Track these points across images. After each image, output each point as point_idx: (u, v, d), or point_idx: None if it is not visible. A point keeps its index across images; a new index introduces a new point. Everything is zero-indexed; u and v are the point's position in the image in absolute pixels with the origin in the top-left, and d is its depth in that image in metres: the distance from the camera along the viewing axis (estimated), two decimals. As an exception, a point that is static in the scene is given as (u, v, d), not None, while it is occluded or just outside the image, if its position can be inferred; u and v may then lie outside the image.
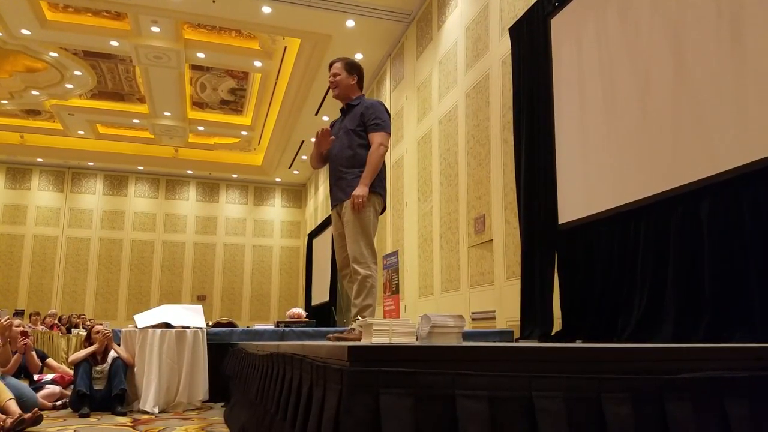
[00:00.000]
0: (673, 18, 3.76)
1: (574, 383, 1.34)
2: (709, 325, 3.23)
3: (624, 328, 3.86)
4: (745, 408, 1.41)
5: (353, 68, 3.67)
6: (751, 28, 3.20)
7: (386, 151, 3.51)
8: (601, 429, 1.32)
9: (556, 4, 5.05)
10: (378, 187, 3.46)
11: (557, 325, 4.76)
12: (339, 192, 3.54)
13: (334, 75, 3.64)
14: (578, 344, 3.34)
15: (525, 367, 1.39)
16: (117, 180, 17.11)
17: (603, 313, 4.19)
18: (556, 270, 4.84)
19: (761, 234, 3.03)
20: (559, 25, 5.01)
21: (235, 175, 17.58)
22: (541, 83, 5.13)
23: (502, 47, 6.14)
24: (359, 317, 3.26)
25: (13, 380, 4.36)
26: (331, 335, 3.32)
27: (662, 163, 3.76)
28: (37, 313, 11.03)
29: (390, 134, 3.58)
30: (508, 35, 5.78)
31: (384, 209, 3.60)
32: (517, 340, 5.12)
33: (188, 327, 4.97)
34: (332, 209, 3.65)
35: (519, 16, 5.64)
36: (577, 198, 4.63)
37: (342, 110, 3.71)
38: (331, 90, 3.72)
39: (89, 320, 12.25)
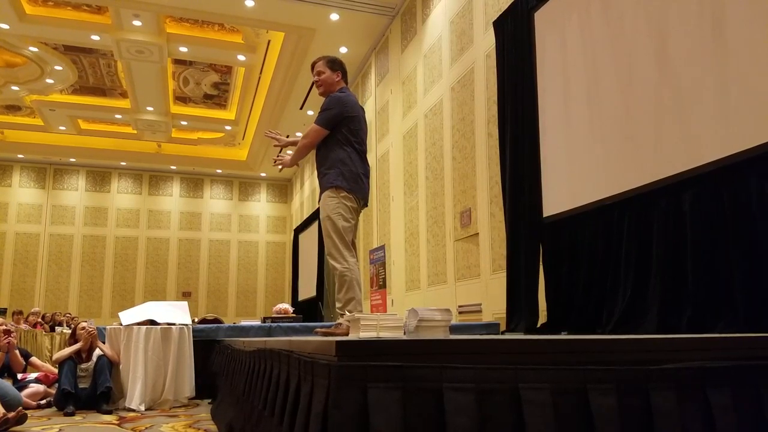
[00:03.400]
0: (655, 11, 3.79)
1: (560, 375, 1.35)
2: (692, 316, 3.28)
3: (608, 320, 3.90)
4: (727, 397, 1.43)
5: (336, 64, 3.71)
6: (733, 22, 3.24)
7: (309, 144, 3.61)
8: (587, 419, 1.33)
9: (540, -3, 5.06)
10: (340, 181, 3.49)
11: (543, 318, 4.80)
12: (319, 189, 3.66)
13: (319, 74, 3.70)
14: (563, 336, 3.37)
15: (511, 360, 1.40)
16: (99, 176, 16.92)
17: (588, 305, 4.23)
18: (541, 263, 4.88)
19: (743, 225, 3.08)
20: (543, 18, 5.03)
21: (219, 171, 17.47)
22: (526, 77, 5.15)
23: (486, 41, 6.15)
24: (346, 311, 3.29)
25: (-4, 380, 4.31)
26: (318, 330, 3.33)
27: (645, 155, 3.79)
28: (20, 312, 10.89)
29: (325, 128, 3.54)
30: (492, 29, 5.79)
31: (364, 205, 3.63)
32: (503, 333, 5.15)
33: (174, 324, 4.94)
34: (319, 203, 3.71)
35: (503, 9, 5.65)
36: (562, 191, 4.66)
37: None
38: (316, 88, 3.78)
39: (73, 318, 12.14)
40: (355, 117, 3.59)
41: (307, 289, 14.03)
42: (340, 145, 3.53)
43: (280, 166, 3.82)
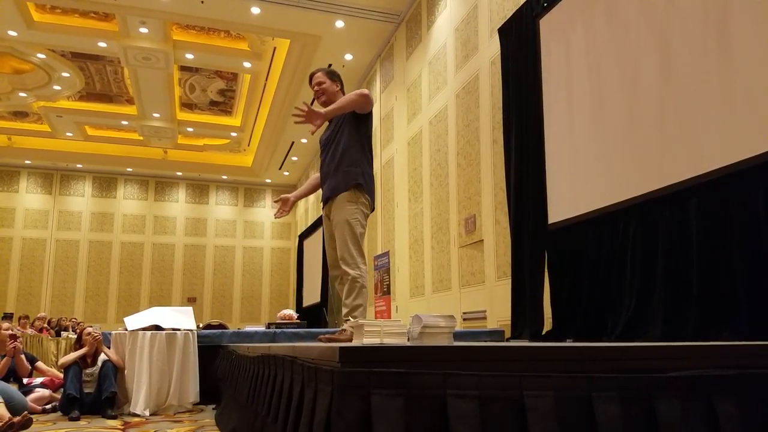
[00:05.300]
0: (660, 19, 3.79)
1: (565, 382, 1.35)
2: (697, 323, 3.26)
3: (613, 327, 3.88)
4: (732, 405, 1.42)
5: (335, 76, 3.71)
6: (737, 29, 3.23)
7: (362, 101, 3.36)
8: (591, 428, 1.32)
9: (545, 4, 5.07)
10: (362, 179, 3.41)
11: (548, 325, 4.78)
12: (328, 190, 3.53)
13: (319, 84, 3.66)
14: (568, 343, 3.36)
15: (515, 367, 1.39)
16: (106, 182, 17.00)
17: (593, 312, 4.21)
18: (546, 270, 4.86)
19: (748, 233, 3.06)
20: (548, 25, 5.04)
21: (224, 177, 17.52)
22: (530, 84, 5.16)
23: (491, 48, 6.16)
24: (350, 317, 3.27)
25: (2, 384, 4.32)
26: (322, 336, 3.32)
27: (650, 162, 3.78)
28: (26, 317, 10.93)
29: (366, 105, 3.41)
30: (497, 36, 5.80)
31: (372, 209, 3.60)
32: (507, 340, 5.14)
33: (178, 329, 4.94)
34: (323, 209, 3.65)
35: (508, 16, 5.66)
36: (566, 198, 4.65)
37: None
38: (317, 99, 3.73)
39: (79, 323, 12.17)
40: (372, 120, 3.60)
41: (312, 295, 14.03)
42: (361, 144, 3.47)
43: (313, 129, 3.35)
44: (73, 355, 4.72)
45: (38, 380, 5.31)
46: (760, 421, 1.45)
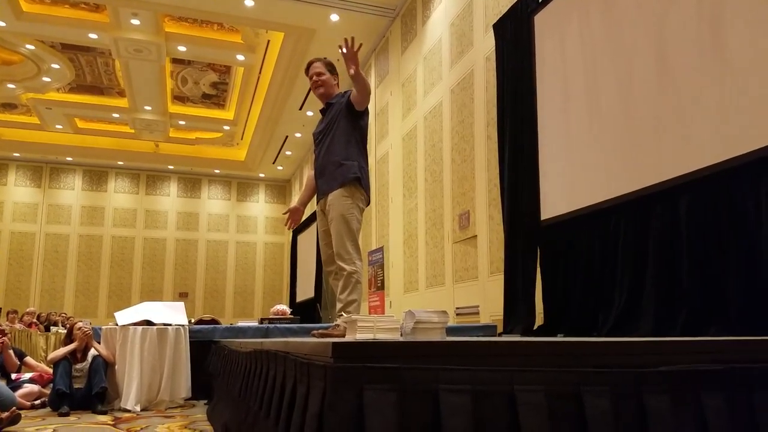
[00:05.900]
0: (655, 16, 3.80)
1: (555, 377, 1.36)
2: (686, 319, 3.29)
3: (604, 323, 3.91)
4: (721, 400, 1.43)
5: (334, 68, 3.71)
6: (732, 27, 3.25)
7: (368, 94, 3.45)
8: (582, 422, 1.33)
9: (540, 0, 5.07)
10: (360, 173, 3.42)
11: (539, 320, 4.81)
12: (324, 184, 3.52)
13: (318, 74, 3.63)
14: (559, 339, 3.38)
15: (507, 362, 1.40)
16: (96, 175, 16.88)
17: (584, 308, 4.24)
18: (538, 265, 4.88)
19: (738, 230, 3.09)
20: (543, 21, 5.04)
21: (217, 171, 17.44)
22: (525, 80, 5.16)
23: (486, 44, 6.16)
24: (344, 313, 3.27)
25: (-9, 379, 4.31)
26: (315, 332, 3.32)
27: (643, 159, 3.80)
28: (15, 311, 10.86)
29: (369, 94, 3.50)
30: (492, 32, 5.80)
31: (368, 204, 3.60)
32: (500, 335, 5.16)
33: (170, 324, 4.93)
34: (317, 204, 3.64)
35: (503, 12, 5.66)
36: (560, 194, 4.67)
37: (323, 111, 3.70)
38: (313, 89, 3.71)
39: (69, 318, 12.11)
40: (368, 115, 3.61)
41: (305, 291, 14.01)
42: (356, 139, 3.47)
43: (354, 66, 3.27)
44: (62, 351, 4.70)
45: (27, 376, 5.28)
46: (748, 415, 1.46)
